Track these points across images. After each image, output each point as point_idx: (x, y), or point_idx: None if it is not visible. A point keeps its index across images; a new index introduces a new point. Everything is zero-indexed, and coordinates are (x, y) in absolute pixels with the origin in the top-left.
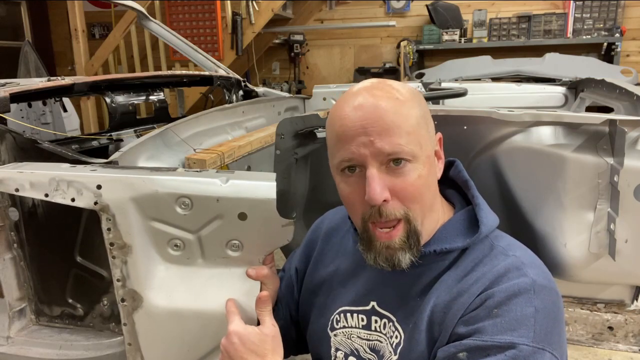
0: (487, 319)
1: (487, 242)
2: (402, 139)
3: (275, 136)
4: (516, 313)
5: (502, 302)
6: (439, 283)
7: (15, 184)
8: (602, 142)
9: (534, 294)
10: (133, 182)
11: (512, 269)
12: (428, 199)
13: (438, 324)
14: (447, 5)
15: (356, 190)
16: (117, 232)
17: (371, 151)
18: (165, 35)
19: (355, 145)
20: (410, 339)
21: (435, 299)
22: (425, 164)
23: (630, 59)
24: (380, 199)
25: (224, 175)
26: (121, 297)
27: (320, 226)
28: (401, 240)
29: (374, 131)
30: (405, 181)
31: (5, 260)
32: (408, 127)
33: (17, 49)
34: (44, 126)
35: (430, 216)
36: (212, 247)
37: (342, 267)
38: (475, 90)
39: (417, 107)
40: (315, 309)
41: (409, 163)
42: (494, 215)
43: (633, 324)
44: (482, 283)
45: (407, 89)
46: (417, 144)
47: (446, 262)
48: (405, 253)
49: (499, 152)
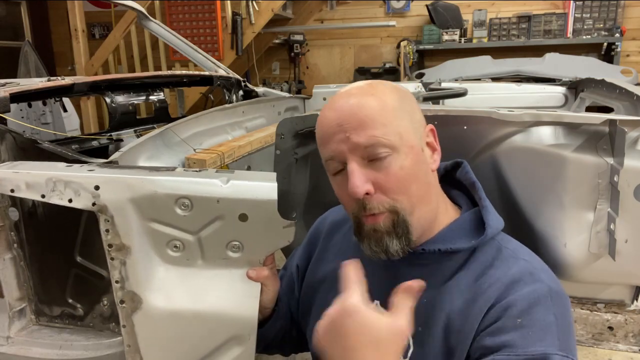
0: (513, 330)
1: (494, 244)
2: (377, 130)
3: (275, 136)
4: (540, 322)
5: (525, 310)
6: (450, 287)
7: (10, 184)
8: (602, 142)
9: (552, 301)
10: (131, 183)
11: (526, 274)
12: (416, 189)
13: (456, 332)
14: (447, 5)
15: (343, 188)
16: (116, 234)
17: (348, 146)
18: (165, 35)
19: (334, 143)
20: (422, 344)
21: (449, 305)
22: (408, 155)
23: (630, 59)
24: (362, 192)
25: (225, 175)
26: (120, 298)
27: (322, 223)
28: (386, 225)
29: (349, 127)
30: (388, 173)
31: (5, 260)
32: (383, 119)
33: (17, 49)
34: (44, 126)
35: (423, 207)
36: (212, 248)
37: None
38: (475, 90)
39: (396, 99)
40: (316, 306)
41: (389, 155)
42: (499, 218)
43: (633, 324)
44: (496, 288)
45: (387, 85)
46: (396, 135)
47: (453, 263)
48: (393, 239)
49: (499, 152)
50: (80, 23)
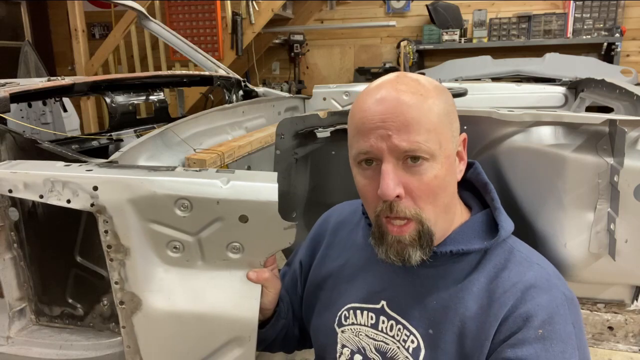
0: (534, 342)
1: (506, 246)
2: (420, 136)
3: (275, 136)
4: (560, 333)
5: (546, 321)
6: (462, 289)
7: (8, 184)
8: (602, 142)
9: (568, 310)
10: (130, 184)
11: (542, 280)
12: (442, 200)
13: (471, 338)
14: (447, 5)
15: (371, 183)
16: (115, 234)
17: (388, 145)
18: (165, 35)
19: (373, 138)
20: (434, 347)
21: (463, 308)
22: (444, 164)
23: (630, 59)
24: (393, 195)
25: (225, 175)
26: (120, 299)
27: (327, 220)
28: (412, 237)
29: (393, 126)
30: (421, 180)
31: (5, 260)
32: (428, 125)
33: (17, 49)
34: (44, 126)
35: (445, 217)
36: (212, 249)
37: (351, 261)
38: (475, 90)
39: (442, 104)
40: (320, 303)
41: (426, 162)
42: (510, 220)
43: (633, 324)
44: (512, 294)
45: (433, 85)
46: (437, 143)
47: (465, 265)
48: (416, 250)
49: (499, 152)
50: (80, 23)
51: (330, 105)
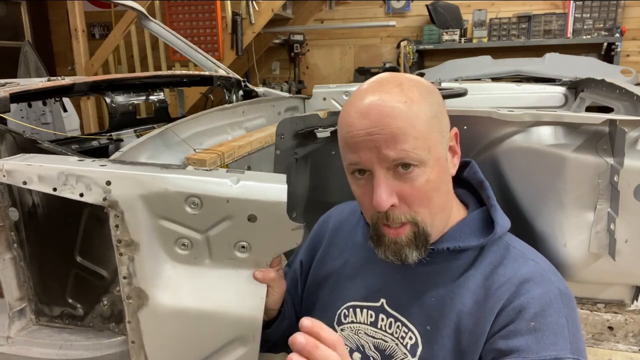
0: (526, 333)
1: (502, 243)
2: (408, 144)
3: (275, 136)
4: (553, 326)
5: (538, 313)
6: (459, 286)
7: (23, 176)
8: (602, 142)
9: (562, 303)
10: (142, 180)
11: (536, 274)
12: (437, 201)
13: (467, 333)
14: (447, 5)
15: (365, 192)
16: (125, 229)
17: (377, 157)
18: (165, 35)
19: (362, 151)
20: (430, 342)
21: (460, 304)
22: (435, 167)
23: (630, 59)
24: (387, 206)
25: (235, 175)
26: (127, 294)
27: (327, 220)
28: (408, 238)
29: (380, 138)
30: (413, 186)
31: (5, 260)
32: (415, 133)
33: (17, 49)
34: (44, 126)
35: (441, 215)
36: (220, 247)
37: (351, 260)
38: (475, 90)
39: (427, 108)
40: (320, 302)
41: (417, 168)
42: (506, 217)
43: (633, 324)
44: (507, 288)
45: (418, 88)
46: (425, 149)
47: (461, 262)
48: (413, 250)
49: (499, 152)
50: (80, 23)
51: (330, 105)
